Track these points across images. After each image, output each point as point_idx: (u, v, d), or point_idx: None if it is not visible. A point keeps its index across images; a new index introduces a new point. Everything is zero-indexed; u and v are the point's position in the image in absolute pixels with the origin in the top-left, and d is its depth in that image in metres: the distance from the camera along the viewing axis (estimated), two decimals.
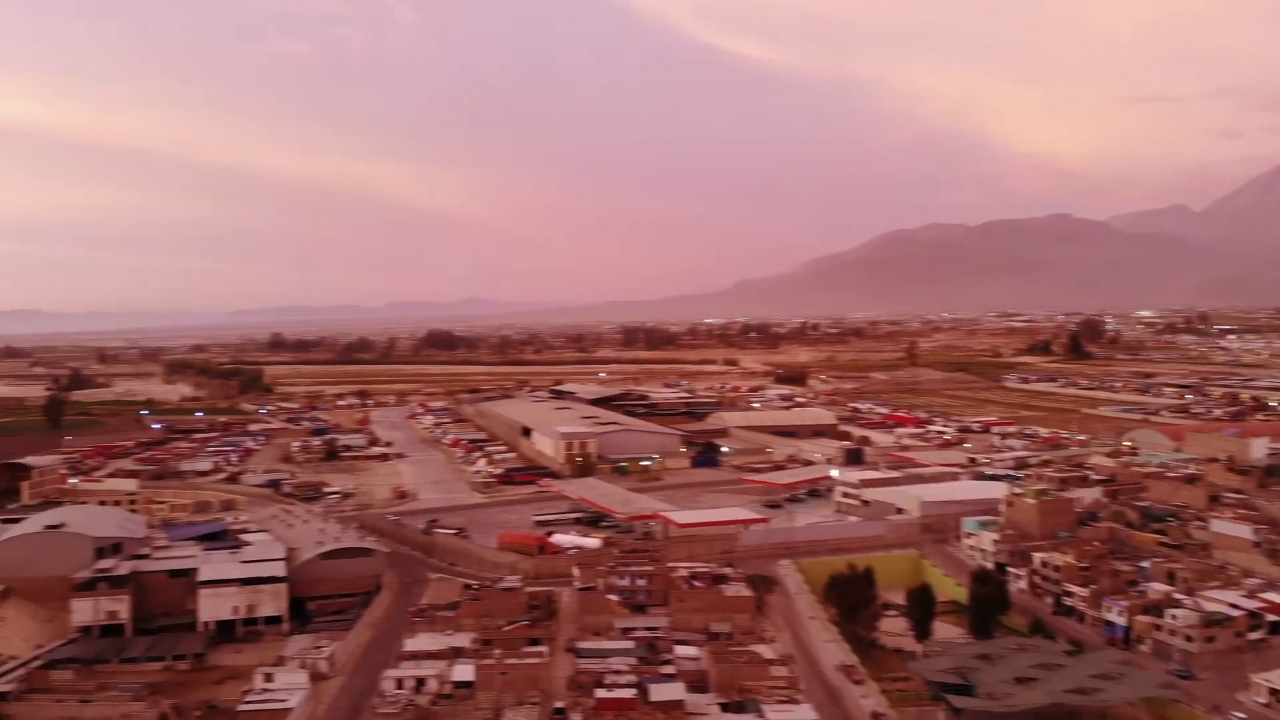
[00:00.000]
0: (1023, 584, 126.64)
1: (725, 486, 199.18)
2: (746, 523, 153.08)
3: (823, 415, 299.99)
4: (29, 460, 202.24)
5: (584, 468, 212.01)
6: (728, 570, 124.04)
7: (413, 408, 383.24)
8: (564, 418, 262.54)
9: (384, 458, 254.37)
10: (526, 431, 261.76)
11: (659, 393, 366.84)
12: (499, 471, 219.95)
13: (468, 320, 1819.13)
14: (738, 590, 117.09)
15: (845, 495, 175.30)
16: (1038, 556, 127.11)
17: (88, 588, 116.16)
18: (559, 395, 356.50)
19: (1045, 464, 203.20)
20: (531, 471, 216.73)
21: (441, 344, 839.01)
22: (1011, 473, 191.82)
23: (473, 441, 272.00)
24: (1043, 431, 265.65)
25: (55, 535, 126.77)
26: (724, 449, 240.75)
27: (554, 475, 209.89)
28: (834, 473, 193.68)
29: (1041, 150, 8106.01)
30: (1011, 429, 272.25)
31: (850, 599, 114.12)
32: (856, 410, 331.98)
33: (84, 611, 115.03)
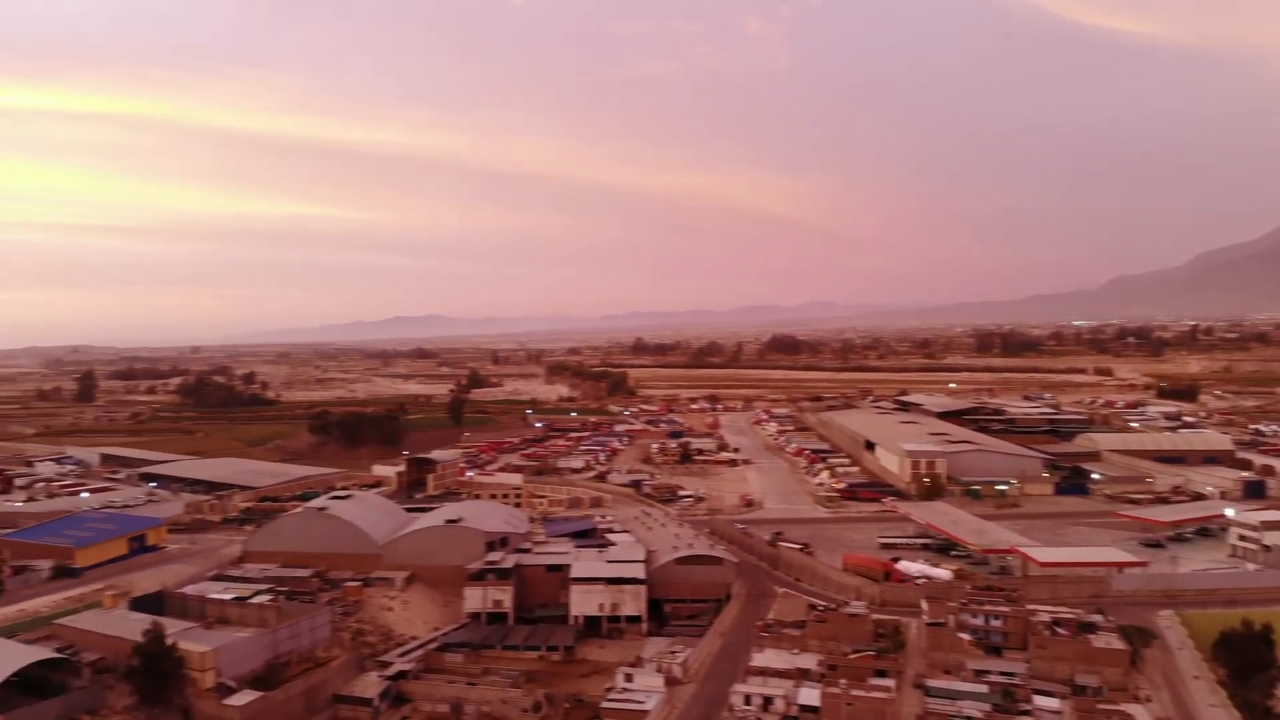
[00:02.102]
0: None
1: (1095, 519, 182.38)
2: (1121, 565, 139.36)
3: (1216, 439, 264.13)
4: (435, 455, 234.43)
5: (932, 489, 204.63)
6: (1097, 618, 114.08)
7: (757, 413, 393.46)
8: (910, 433, 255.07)
9: (732, 463, 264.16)
10: (870, 445, 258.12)
11: (1017, 407, 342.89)
12: (841, 486, 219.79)
13: (810, 324, 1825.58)
14: (1108, 641, 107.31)
15: (1242, 537, 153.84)
16: None
17: (478, 578, 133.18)
18: (904, 407, 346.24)
19: None
20: (875, 488, 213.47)
21: (784, 348, 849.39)
22: None
23: (815, 452, 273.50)
24: None
25: (454, 529, 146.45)
26: (1094, 475, 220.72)
27: (899, 494, 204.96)
28: (1229, 510, 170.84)
29: None
30: None
31: (1244, 659, 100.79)
32: (1259, 433, 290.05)
33: (474, 599, 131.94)
